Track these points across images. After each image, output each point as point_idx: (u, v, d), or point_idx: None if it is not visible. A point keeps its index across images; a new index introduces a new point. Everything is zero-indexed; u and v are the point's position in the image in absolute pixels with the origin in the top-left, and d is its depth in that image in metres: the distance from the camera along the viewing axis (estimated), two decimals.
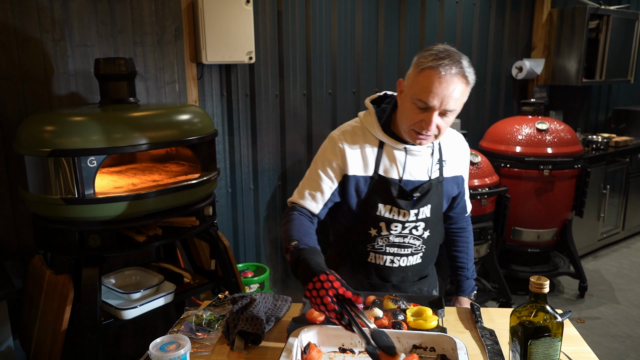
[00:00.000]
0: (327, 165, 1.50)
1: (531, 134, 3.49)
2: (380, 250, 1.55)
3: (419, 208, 1.51)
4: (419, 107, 1.36)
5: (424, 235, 1.56)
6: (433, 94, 1.32)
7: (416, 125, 1.39)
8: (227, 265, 2.30)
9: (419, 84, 1.34)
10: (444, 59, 1.31)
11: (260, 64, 2.99)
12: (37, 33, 2.21)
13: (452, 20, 3.90)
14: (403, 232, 1.53)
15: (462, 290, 1.75)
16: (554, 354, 1.12)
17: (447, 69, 1.30)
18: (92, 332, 1.88)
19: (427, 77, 1.32)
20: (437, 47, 1.35)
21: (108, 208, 1.87)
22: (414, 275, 1.63)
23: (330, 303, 1.14)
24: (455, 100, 1.34)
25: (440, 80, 1.31)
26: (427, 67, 1.32)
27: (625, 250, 4.64)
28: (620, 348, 3.05)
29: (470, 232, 1.78)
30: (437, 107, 1.34)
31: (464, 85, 1.35)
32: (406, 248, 1.56)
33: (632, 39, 4.69)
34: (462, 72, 1.33)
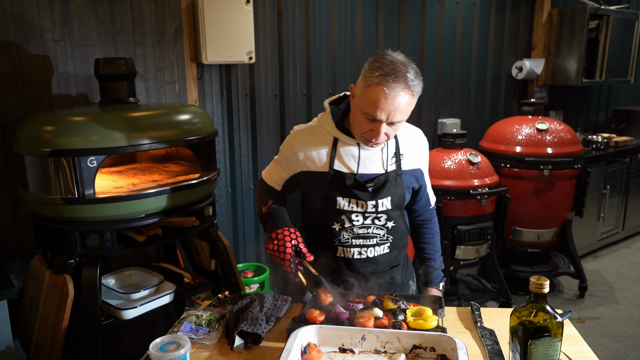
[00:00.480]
0: (282, 159, 1.67)
1: (531, 134, 3.49)
2: (347, 244, 1.61)
3: (377, 199, 1.57)
4: (368, 119, 1.43)
5: (387, 225, 1.61)
6: (380, 109, 1.39)
7: (366, 134, 1.48)
8: (227, 265, 2.30)
9: (367, 98, 1.41)
10: (389, 75, 1.36)
11: (260, 64, 2.99)
12: (37, 33, 2.21)
13: (452, 20, 3.90)
14: (365, 222, 1.59)
15: (430, 281, 1.77)
16: (554, 354, 1.12)
17: (393, 86, 1.37)
18: (92, 332, 1.88)
19: (374, 92, 1.38)
20: (385, 58, 1.40)
21: (108, 208, 1.87)
22: (385, 265, 1.68)
23: (289, 248, 1.41)
24: (401, 112, 1.41)
25: (386, 96, 1.37)
26: (373, 83, 1.38)
27: (625, 250, 4.64)
28: (620, 348, 3.05)
29: (435, 223, 1.83)
30: (385, 120, 1.42)
31: (410, 97, 1.41)
32: (371, 238, 1.61)
33: (632, 39, 4.69)
34: (407, 86, 1.38)
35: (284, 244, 1.42)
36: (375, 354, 1.25)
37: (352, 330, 1.27)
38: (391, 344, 1.26)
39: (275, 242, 1.43)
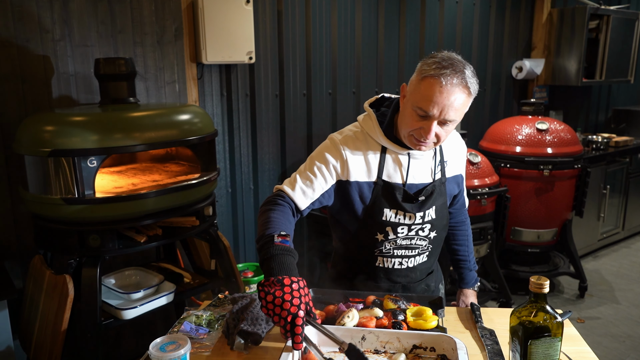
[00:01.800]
0: (325, 165, 1.46)
1: (531, 134, 3.49)
2: (388, 254, 1.55)
3: (424, 210, 1.51)
4: (419, 115, 1.35)
5: (430, 235, 1.57)
6: (433, 103, 1.31)
7: (415, 132, 1.38)
8: (227, 265, 2.30)
9: (420, 92, 1.33)
10: (447, 68, 1.29)
11: (260, 64, 2.99)
12: (37, 33, 2.21)
13: (452, 21, 3.90)
14: (409, 234, 1.53)
15: (466, 282, 1.76)
16: (554, 354, 1.12)
17: (449, 79, 1.29)
18: (92, 332, 1.88)
19: (429, 85, 1.31)
20: (441, 54, 1.34)
21: (108, 208, 1.87)
22: (422, 274, 1.64)
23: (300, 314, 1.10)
24: (455, 110, 1.33)
25: (441, 90, 1.29)
26: (429, 75, 1.31)
27: (625, 250, 4.64)
28: (620, 348, 3.05)
29: (468, 225, 1.80)
30: (437, 117, 1.33)
31: (466, 96, 1.33)
32: (413, 249, 1.56)
33: (632, 39, 4.69)
34: (464, 82, 1.31)
35: (299, 298, 1.12)
36: (375, 354, 1.25)
37: (352, 331, 1.27)
38: (391, 344, 1.26)
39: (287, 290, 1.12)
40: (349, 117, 3.43)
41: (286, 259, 1.20)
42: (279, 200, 1.40)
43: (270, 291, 1.13)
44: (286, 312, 1.10)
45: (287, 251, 1.22)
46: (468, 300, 1.76)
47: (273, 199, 1.41)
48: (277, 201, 1.40)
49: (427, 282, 1.67)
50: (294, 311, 1.10)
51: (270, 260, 1.20)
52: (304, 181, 1.45)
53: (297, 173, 1.49)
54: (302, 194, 1.43)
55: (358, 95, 3.47)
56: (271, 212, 1.35)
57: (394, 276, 1.59)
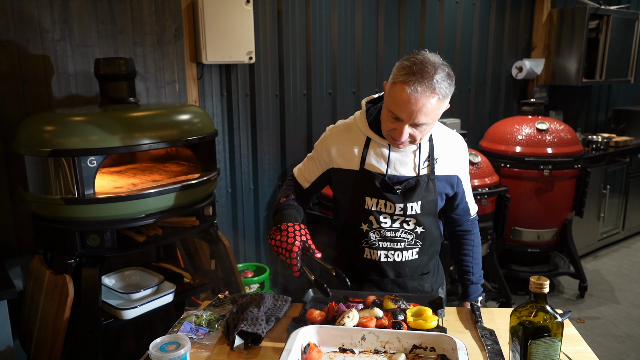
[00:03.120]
0: (315, 155, 1.66)
1: (531, 134, 3.49)
2: (374, 245, 1.58)
3: (406, 203, 1.53)
4: (392, 117, 1.40)
5: (416, 230, 1.57)
6: (402, 109, 1.36)
7: (391, 132, 1.45)
8: (227, 265, 2.30)
9: (391, 97, 1.38)
10: (415, 74, 1.32)
11: (260, 64, 2.99)
12: (37, 33, 2.21)
13: (452, 20, 3.90)
14: (393, 225, 1.56)
15: (467, 295, 1.69)
16: (554, 354, 1.12)
17: (415, 87, 1.32)
18: (92, 332, 1.88)
19: (398, 91, 1.35)
20: (416, 57, 1.36)
21: (108, 208, 1.87)
22: (413, 272, 1.63)
23: (297, 241, 1.40)
24: (425, 114, 1.36)
25: (408, 96, 1.33)
26: (398, 81, 1.35)
27: (625, 250, 4.64)
28: (620, 348, 3.05)
29: (476, 235, 1.73)
30: (407, 121, 1.38)
31: (436, 100, 1.35)
32: (399, 242, 1.58)
33: (632, 39, 4.69)
34: (432, 87, 1.33)
35: (293, 237, 1.41)
36: (375, 354, 1.25)
37: (352, 331, 1.27)
38: (391, 344, 1.26)
39: (284, 233, 1.42)
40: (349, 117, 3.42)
41: (286, 212, 1.53)
42: (289, 182, 1.73)
43: (273, 237, 1.45)
44: (284, 249, 1.40)
45: (288, 206, 1.56)
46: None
47: (287, 180, 1.75)
48: (288, 183, 1.73)
49: (420, 282, 1.66)
50: (289, 247, 1.40)
51: (275, 215, 1.56)
52: (305, 166, 1.70)
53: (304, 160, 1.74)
54: (303, 178, 1.70)
55: (358, 95, 3.47)
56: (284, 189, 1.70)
57: (382, 269, 1.60)
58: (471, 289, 1.69)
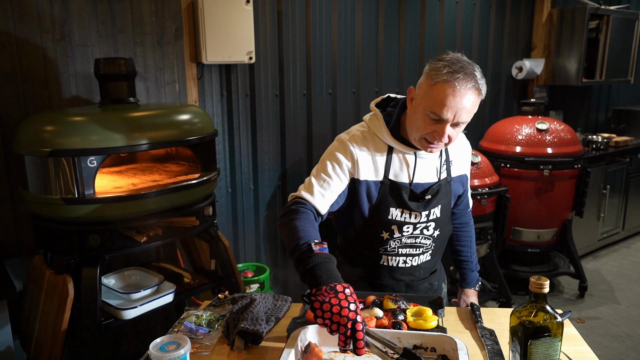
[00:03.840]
0: (339, 166, 1.46)
1: (531, 134, 3.49)
2: (393, 252, 1.56)
3: (429, 209, 1.53)
4: (432, 119, 1.36)
5: (434, 234, 1.58)
6: (447, 107, 1.32)
7: (428, 135, 1.39)
8: (227, 265, 2.30)
9: (433, 97, 1.33)
10: (458, 72, 1.30)
11: (260, 64, 2.99)
12: (37, 33, 2.21)
13: (452, 20, 3.90)
14: (414, 232, 1.55)
15: (467, 282, 1.79)
16: (554, 354, 1.12)
17: (462, 83, 1.30)
18: (92, 332, 1.88)
19: (442, 90, 1.32)
20: (449, 57, 1.35)
21: (108, 208, 1.87)
22: (425, 272, 1.66)
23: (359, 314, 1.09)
24: (467, 112, 1.35)
25: (454, 94, 1.31)
26: (441, 80, 1.32)
27: (625, 250, 4.64)
28: (620, 348, 3.05)
29: (471, 226, 1.82)
30: (451, 120, 1.34)
31: (476, 97, 1.35)
32: (418, 248, 1.58)
33: (632, 39, 4.69)
34: (476, 85, 1.33)
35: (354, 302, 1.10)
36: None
37: None
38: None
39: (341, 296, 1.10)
40: (349, 117, 3.43)
41: (330, 267, 1.18)
42: (300, 208, 1.37)
43: (325, 300, 1.10)
44: (345, 319, 1.08)
45: (329, 258, 1.20)
46: (469, 299, 1.78)
47: (294, 208, 1.38)
48: (298, 209, 1.37)
49: (430, 280, 1.69)
50: (353, 317, 1.08)
51: (315, 269, 1.16)
52: (321, 184, 1.44)
53: (311, 176, 1.47)
54: (321, 197, 1.42)
55: (358, 95, 3.47)
56: (297, 221, 1.32)
57: (398, 274, 1.60)
58: (470, 276, 1.79)
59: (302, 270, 1.19)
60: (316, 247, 1.21)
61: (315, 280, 1.14)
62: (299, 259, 1.20)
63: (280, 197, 3.26)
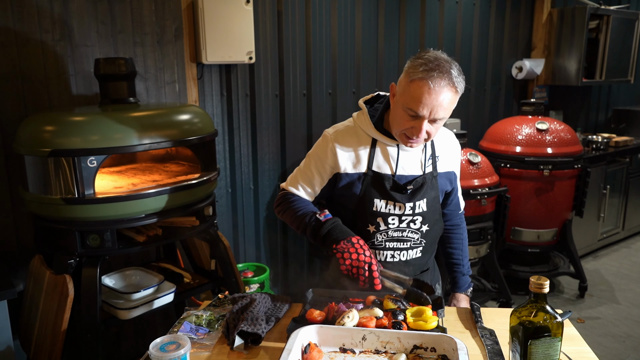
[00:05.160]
0: (319, 164, 1.58)
1: (531, 134, 3.49)
2: (380, 246, 1.58)
3: (414, 202, 1.55)
4: (410, 115, 1.41)
5: (422, 229, 1.59)
6: (423, 104, 1.37)
7: (407, 131, 1.45)
8: (227, 265, 2.30)
9: (410, 94, 1.39)
10: (434, 70, 1.35)
11: (260, 64, 2.99)
12: (37, 33, 2.21)
13: (452, 20, 3.90)
14: (401, 226, 1.57)
15: (458, 286, 1.78)
16: (554, 354, 1.12)
17: (437, 81, 1.35)
18: (92, 332, 1.88)
19: (418, 87, 1.37)
20: (428, 54, 1.39)
21: (108, 208, 1.87)
22: (415, 269, 1.65)
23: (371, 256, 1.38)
24: (444, 109, 1.39)
25: (429, 91, 1.35)
26: (417, 78, 1.37)
27: (625, 250, 4.64)
28: (620, 348, 3.05)
29: (464, 229, 1.82)
30: (427, 116, 1.39)
31: (453, 94, 1.39)
32: (405, 242, 1.59)
33: (632, 39, 4.69)
34: (452, 82, 1.37)
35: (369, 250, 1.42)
36: (375, 354, 1.25)
37: (353, 331, 1.27)
38: (392, 344, 1.26)
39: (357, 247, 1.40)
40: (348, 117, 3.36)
41: (342, 226, 1.47)
42: (290, 197, 1.60)
43: (344, 250, 1.40)
44: (363, 263, 1.38)
45: (336, 220, 1.49)
46: (460, 304, 1.77)
47: (286, 197, 1.62)
48: (290, 197, 1.60)
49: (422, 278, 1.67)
50: (369, 260, 1.39)
51: (332, 232, 1.45)
52: (304, 179, 1.61)
53: (296, 171, 1.65)
54: (304, 192, 1.61)
55: (358, 95, 3.47)
56: (294, 204, 1.58)
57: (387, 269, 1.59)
58: (462, 280, 1.78)
59: (320, 238, 1.47)
60: (321, 216, 1.49)
61: (333, 240, 1.43)
62: (312, 231, 1.49)
63: None
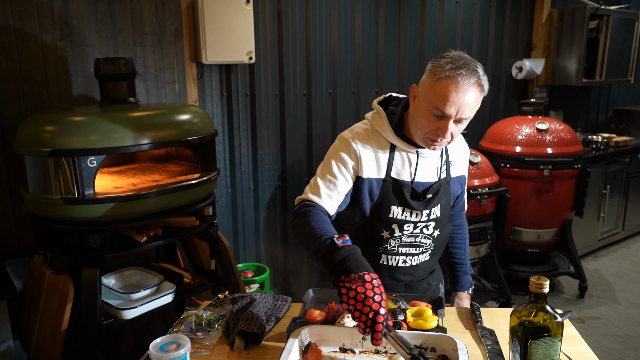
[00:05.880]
0: (343, 166, 1.47)
1: (531, 134, 3.49)
2: (393, 252, 1.57)
3: (430, 208, 1.54)
4: (435, 115, 1.36)
5: (434, 234, 1.59)
6: (450, 102, 1.33)
7: (431, 133, 1.40)
8: (227, 265, 2.30)
9: (436, 93, 1.34)
10: (461, 68, 1.32)
11: (260, 64, 2.99)
12: (37, 33, 2.21)
13: (452, 20, 3.90)
14: (414, 231, 1.55)
15: (461, 285, 1.79)
16: (554, 354, 1.12)
17: (465, 79, 1.32)
18: (92, 332, 1.88)
19: (445, 85, 1.33)
20: (451, 54, 1.36)
21: (108, 208, 1.87)
22: (424, 273, 1.66)
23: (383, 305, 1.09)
24: (470, 108, 1.36)
25: (457, 89, 1.32)
26: (444, 76, 1.33)
27: (625, 250, 4.64)
28: (620, 348, 3.05)
29: (466, 229, 1.82)
30: (454, 116, 1.35)
31: (479, 93, 1.36)
32: (417, 247, 1.58)
33: (632, 39, 4.69)
34: (479, 81, 1.34)
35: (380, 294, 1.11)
36: (375, 354, 1.25)
37: (353, 330, 1.27)
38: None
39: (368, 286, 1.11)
40: (349, 117, 3.43)
41: (359, 257, 1.18)
42: (310, 210, 1.38)
43: (352, 287, 1.11)
44: (368, 308, 1.09)
45: (355, 249, 1.20)
46: (462, 303, 1.78)
47: (304, 210, 1.38)
48: (309, 211, 1.37)
49: (428, 280, 1.70)
50: (376, 307, 1.09)
51: (345, 261, 1.16)
52: (327, 184, 1.45)
53: (317, 177, 1.48)
54: (328, 198, 1.43)
55: (358, 95, 3.47)
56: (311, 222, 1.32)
57: (398, 274, 1.60)
58: (464, 279, 1.79)
59: (330, 265, 1.18)
60: (339, 240, 1.21)
61: (346, 271, 1.15)
62: (325, 256, 1.20)
63: (280, 197, 3.26)
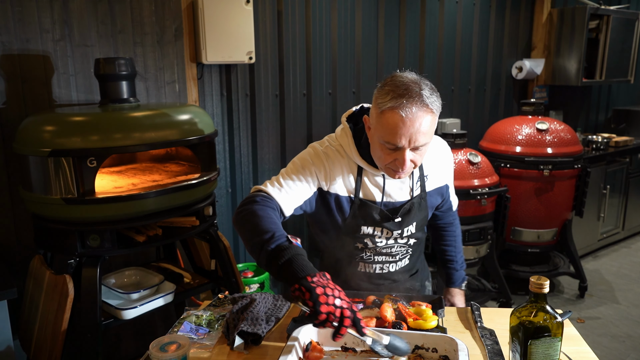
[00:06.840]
0: (308, 172, 1.43)
1: (531, 134, 3.49)
2: (369, 260, 1.57)
3: (403, 228, 1.52)
4: (389, 148, 1.31)
5: (409, 242, 1.58)
6: (399, 135, 1.26)
7: (391, 164, 1.34)
8: (227, 265, 2.30)
9: (383, 126, 1.28)
10: (403, 97, 1.24)
11: (260, 64, 2.99)
12: (37, 33, 2.21)
13: (452, 20, 3.90)
14: (389, 243, 1.55)
15: (453, 281, 1.78)
16: (554, 354, 1.12)
17: (409, 107, 1.24)
18: (92, 332, 1.88)
19: (390, 118, 1.26)
20: (393, 79, 1.29)
21: (108, 208, 1.87)
22: (405, 275, 1.66)
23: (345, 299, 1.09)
24: (424, 134, 1.28)
25: (404, 120, 1.24)
26: (387, 108, 1.26)
27: (625, 250, 4.64)
28: (620, 348, 3.05)
29: (457, 225, 1.79)
30: (407, 146, 1.29)
31: (430, 117, 1.28)
32: (394, 256, 1.58)
33: (632, 39, 4.69)
34: (424, 105, 1.25)
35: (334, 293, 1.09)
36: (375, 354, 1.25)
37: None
38: None
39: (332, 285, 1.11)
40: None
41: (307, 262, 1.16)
42: (266, 202, 1.32)
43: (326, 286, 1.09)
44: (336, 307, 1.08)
45: (305, 253, 1.18)
46: (454, 299, 1.78)
47: (257, 199, 1.32)
48: (264, 202, 1.31)
49: (411, 282, 1.69)
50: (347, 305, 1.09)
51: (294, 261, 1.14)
52: (288, 184, 1.40)
53: (279, 175, 1.43)
54: (286, 197, 1.38)
55: (358, 95, 3.47)
56: (261, 212, 1.27)
57: (376, 279, 1.61)
58: (456, 275, 1.78)
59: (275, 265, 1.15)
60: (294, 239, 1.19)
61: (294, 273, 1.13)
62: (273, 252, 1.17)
63: None
